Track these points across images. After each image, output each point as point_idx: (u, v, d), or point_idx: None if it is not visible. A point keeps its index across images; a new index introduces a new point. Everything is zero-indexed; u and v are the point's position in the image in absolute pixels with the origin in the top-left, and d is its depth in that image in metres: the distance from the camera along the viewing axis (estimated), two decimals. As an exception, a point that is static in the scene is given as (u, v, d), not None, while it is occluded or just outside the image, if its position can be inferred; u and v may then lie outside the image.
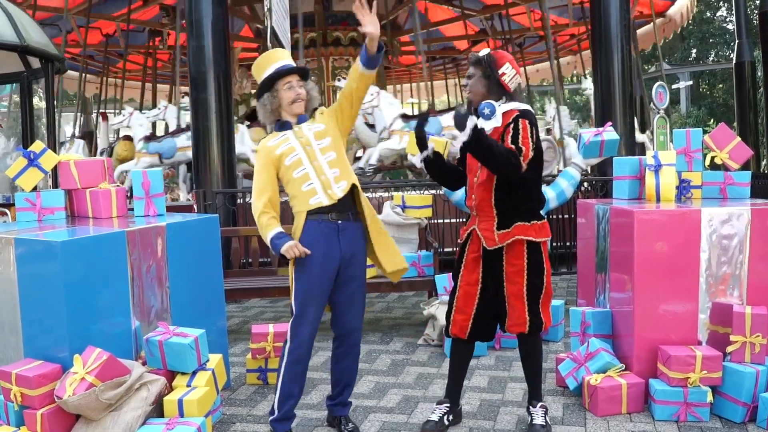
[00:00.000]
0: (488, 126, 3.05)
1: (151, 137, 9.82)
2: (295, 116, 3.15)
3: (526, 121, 3.02)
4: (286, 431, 3.12)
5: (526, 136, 2.99)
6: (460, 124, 2.90)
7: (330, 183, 3.04)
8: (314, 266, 3.01)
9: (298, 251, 2.96)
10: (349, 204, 3.09)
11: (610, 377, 3.41)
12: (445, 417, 3.26)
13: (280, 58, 3.18)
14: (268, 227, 3.03)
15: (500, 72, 3.08)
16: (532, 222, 3.11)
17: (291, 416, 3.12)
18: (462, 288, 3.21)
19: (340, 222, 3.05)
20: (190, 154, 9.61)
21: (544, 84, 17.64)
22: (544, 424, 3.16)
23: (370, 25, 2.95)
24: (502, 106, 3.09)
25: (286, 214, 3.14)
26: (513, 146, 2.97)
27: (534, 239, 3.09)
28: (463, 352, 3.31)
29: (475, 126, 2.89)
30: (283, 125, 3.15)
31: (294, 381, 3.07)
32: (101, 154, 11.77)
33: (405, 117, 8.71)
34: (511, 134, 3.01)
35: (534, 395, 3.26)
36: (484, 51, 3.18)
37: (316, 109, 3.24)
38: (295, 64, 3.18)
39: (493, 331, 3.28)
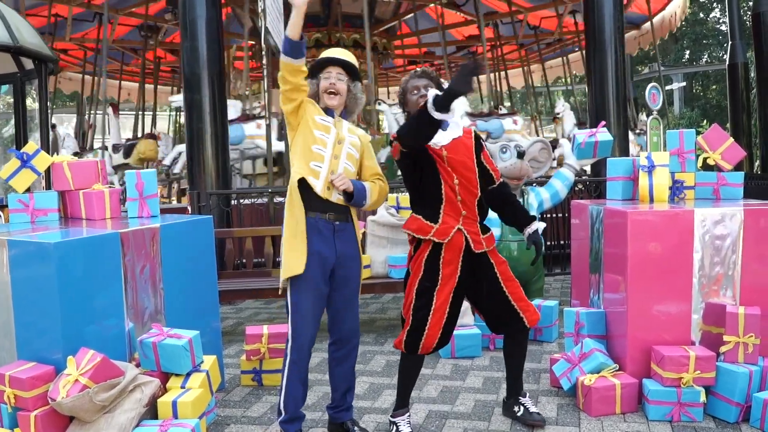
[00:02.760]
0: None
1: None
2: (332, 108, 3.13)
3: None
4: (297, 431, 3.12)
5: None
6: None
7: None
8: (310, 266, 2.99)
9: None
10: (346, 209, 3.10)
11: (603, 378, 3.42)
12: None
13: (336, 52, 3.17)
14: None
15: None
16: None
17: (299, 416, 3.11)
18: (443, 297, 3.10)
19: (337, 223, 3.05)
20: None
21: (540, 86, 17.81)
22: (539, 411, 3.33)
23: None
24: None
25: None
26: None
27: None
28: (421, 363, 3.30)
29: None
30: (329, 112, 3.15)
31: (298, 380, 3.06)
32: (115, 151, 11.36)
33: None
34: None
35: (521, 387, 3.37)
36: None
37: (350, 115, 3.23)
38: (350, 60, 3.15)
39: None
